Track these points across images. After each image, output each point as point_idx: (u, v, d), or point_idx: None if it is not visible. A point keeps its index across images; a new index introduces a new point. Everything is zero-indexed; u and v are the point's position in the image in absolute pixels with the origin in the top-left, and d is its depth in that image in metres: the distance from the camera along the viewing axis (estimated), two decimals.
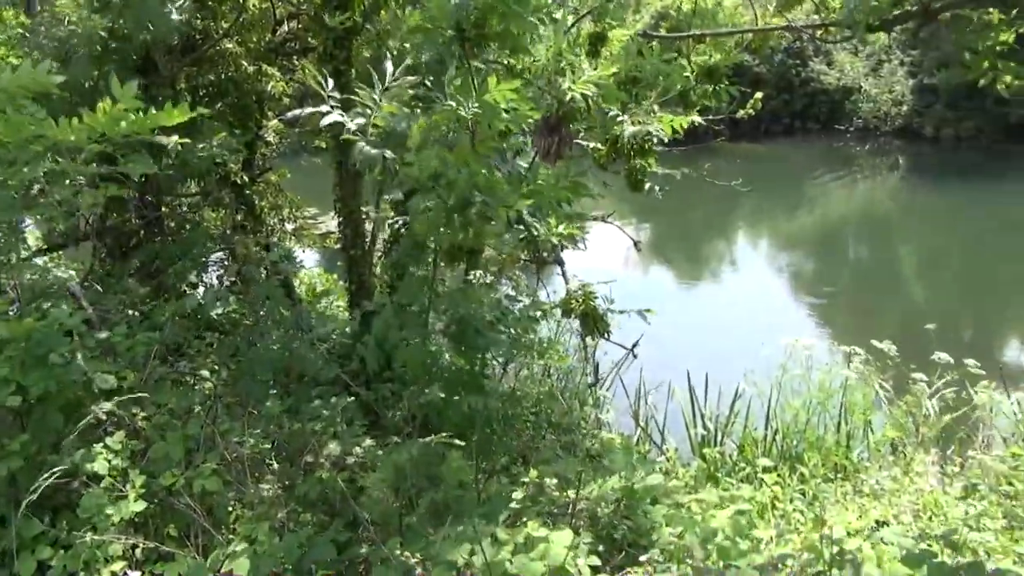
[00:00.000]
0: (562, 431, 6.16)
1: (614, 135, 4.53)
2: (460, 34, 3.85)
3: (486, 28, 3.86)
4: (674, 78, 5.26)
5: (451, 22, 3.80)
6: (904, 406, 8.14)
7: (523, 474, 3.92)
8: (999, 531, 5.71)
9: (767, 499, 6.01)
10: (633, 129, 4.36)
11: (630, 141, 4.39)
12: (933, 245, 21.98)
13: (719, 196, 13.73)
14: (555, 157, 4.21)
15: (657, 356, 10.52)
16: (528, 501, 3.46)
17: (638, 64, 5.24)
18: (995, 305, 16.59)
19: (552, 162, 4.25)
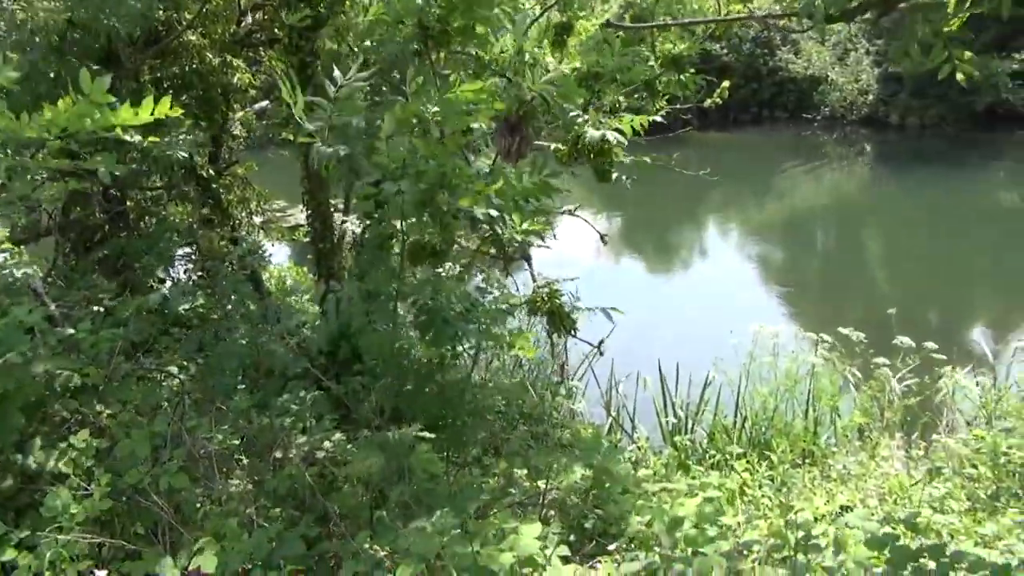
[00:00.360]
0: (534, 422, 6.18)
1: (575, 136, 4.53)
2: (423, 31, 3.83)
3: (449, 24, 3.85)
4: (635, 72, 5.27)
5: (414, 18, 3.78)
6: (870, 391, 8.26)
7: (494, 466, 3.93)
8: (962, 513, 5.83)
9: (737, 486, 6.08)
10: (594, 134, 4.36)
11: (591, 143, 4.39)
12: (899, 232, 22.28)
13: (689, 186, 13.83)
14: (516, 157, 4.19)
15: (629, 346, 10.57)
16: (498, 492, 3.48)
17: (599, 59, 5.25)
18: (959, 290, 16.88)
19: (513, 162, 4.24)
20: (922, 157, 30.53)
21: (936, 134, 32.17)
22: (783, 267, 19.88)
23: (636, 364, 9.35)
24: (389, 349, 4.15)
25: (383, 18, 3.94)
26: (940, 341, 9.17)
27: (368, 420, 4.64)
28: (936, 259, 18.96)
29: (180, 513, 3.67)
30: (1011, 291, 17.24)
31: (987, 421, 7.38)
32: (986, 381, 8.54)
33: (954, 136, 31.84)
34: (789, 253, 21.32)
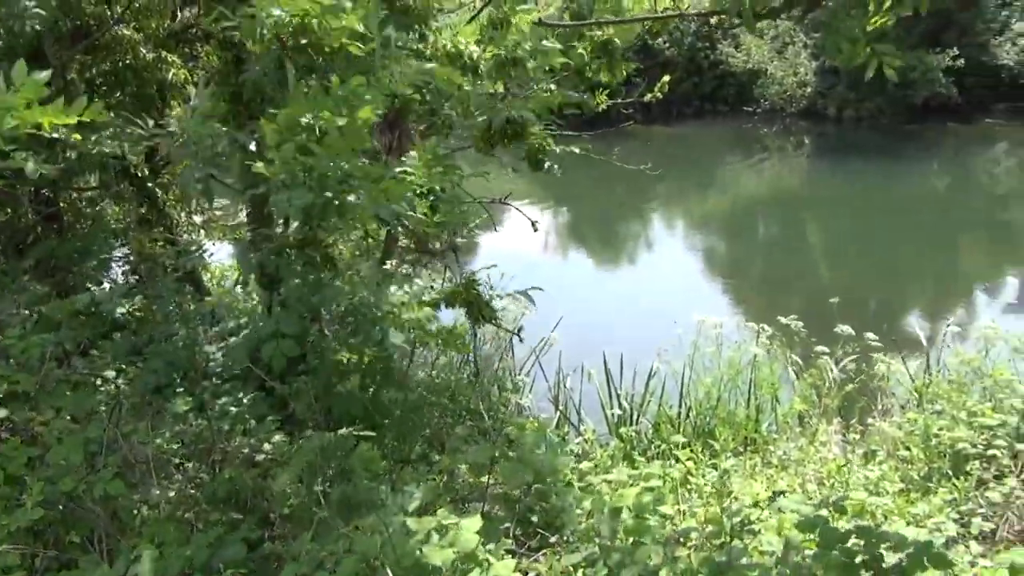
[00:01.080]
0: (479, 417, 6.20)
1: (487, 121, 4.54)
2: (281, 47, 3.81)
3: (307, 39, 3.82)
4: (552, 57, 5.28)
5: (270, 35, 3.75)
6: (809, 379, 8.47)
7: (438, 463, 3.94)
8: (896, 494, 6.01)
9: (681, 475, 6.19)
10: (502, 116, 4.38)
11: (503, 127, 4.40)
12: (838, 222, 22.79)
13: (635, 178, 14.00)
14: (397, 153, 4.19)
15: (576, 338, 10.66)
16: (441, 489, 3.49)
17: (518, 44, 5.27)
18: (896, 278, 17.34)
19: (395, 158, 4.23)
20: (859, 148, 31.27)
21: (873, 126, 32.98)
22: (727, 258, 20.21)
23: (583, 357, 9.43)
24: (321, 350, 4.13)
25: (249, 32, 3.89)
26: (878, 327, 9.43)
27: (312, 420, 4.61)
28: (874, 248, 19.44)
29: (117, 520, 3.60)
30: (944, 278, 17.80)
31: (919, 404, 7.60)
32: (920, 365, 8.81)
33: (890, 128, 32.67)
34: (732, 244, 21.67)
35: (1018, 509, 5.53)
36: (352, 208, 3.67)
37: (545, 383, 9.34)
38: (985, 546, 5.08)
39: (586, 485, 3.78)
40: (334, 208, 3.72)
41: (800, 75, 34.52)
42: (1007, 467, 6.05)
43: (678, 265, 19.28)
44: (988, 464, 6.14)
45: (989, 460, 6.18)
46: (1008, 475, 5.96)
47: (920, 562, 2.47)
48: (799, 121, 35.03)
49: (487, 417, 5.32)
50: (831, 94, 33.28)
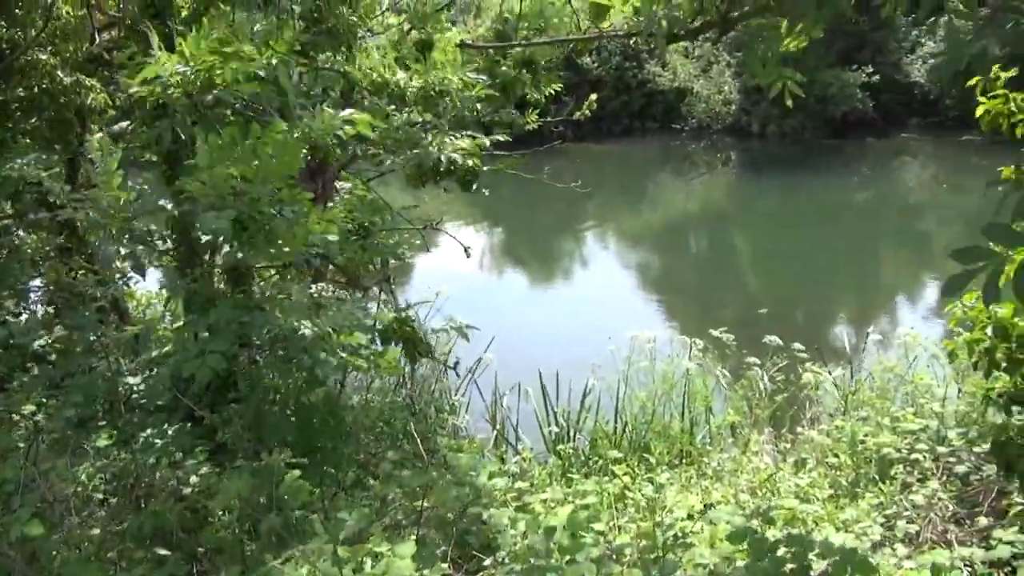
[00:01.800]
0: (414, 440, 6.14)
1: (418, 159, 4.56)
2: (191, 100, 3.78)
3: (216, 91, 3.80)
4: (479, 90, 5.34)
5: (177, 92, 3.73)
6: (740, 390, 8.63)
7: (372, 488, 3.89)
8: (825, 500, 6.16)
9: (618, 490, 6.23)
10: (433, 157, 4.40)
11: (435, 164, 4.43)
12: (765, 235, 23.36)
13: (568, 195, 14.14)
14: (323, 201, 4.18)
15: (512, 357, 10.68)
16: (375, 515, 3.44)
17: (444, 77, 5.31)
18: (822, 289, 17.83)
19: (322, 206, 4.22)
20: (783, 163, 32.18)
21: (795, 141, 33.97)
22: (659, 273, 20.52)
23: (520, 375, 9.43)
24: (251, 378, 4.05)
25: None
26: (806, 337, 9.67)
27: (242, 449, 4.51)
28: (800, 259, 19.97)
29: (36, 563, 3.46)
30: (867, 287, 18.37)
31: (845, 412, 7.81)
32: (846, 373, 9.06)
33: (812, 143, 33.71)
34: (664, 259, 22.02)
35: (940, 510, 5.71)
36: (283, 234, 3.63)
37: (482, 403, 9.32)
38: (910, 548, 5.23)
39: (521, 505, 3.78)
40: (264, 232, 3.67)
41: (725, 93, 35.40)
42: (929, 470, 6.25)
43: (612, 281, 19.49)
44: (912, 468, 6.33)
45: (913, 464, 6.38)
46: (930, 477, 6.16)
47: (845, 569, 2.53)
48: (725, 137, 35.89)
49: (420, 440, 5.27)
50: (755, 111, 34.19)
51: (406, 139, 4.79)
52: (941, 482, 6.05)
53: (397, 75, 6.16)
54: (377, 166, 6.93)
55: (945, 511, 5.80)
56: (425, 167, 4.80)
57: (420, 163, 4.78)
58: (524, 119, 8.37)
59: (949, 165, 29.85)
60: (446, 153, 4.65)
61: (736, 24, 3.70)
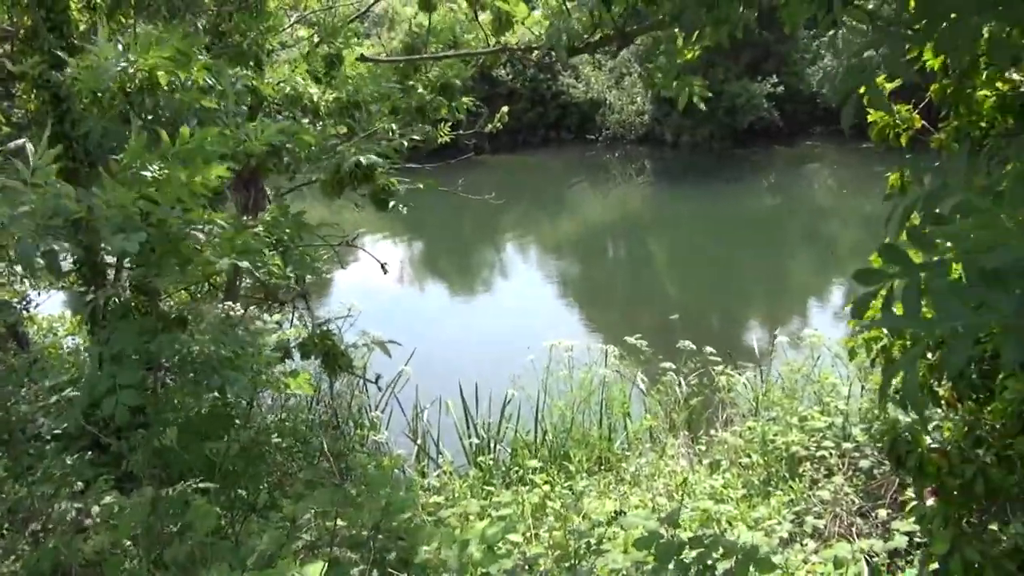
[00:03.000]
0: (331, 458, 6.05)
1: (335, 166, 4.50)
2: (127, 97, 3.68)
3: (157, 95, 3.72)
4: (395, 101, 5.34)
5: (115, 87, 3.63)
6: (657, 395, 8.79)
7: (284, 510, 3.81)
8: (739, 500, 6.32)
9: (539, 499, 6.26)
10: (351, 161, 4.35)
11: (352, 172, 4.38)
12: (678, 242, 23.88)
13: (487, 207, 14.17)
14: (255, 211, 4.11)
15: (433, 370, 10.64)
16: (286, 538, 3.37)
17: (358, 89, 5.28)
18: (735, 293, 18.28)
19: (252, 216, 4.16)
20: (695, 172, 33.00)
21: (706, 150, 34.88)
22: (578, 281, 20.72)
23: (440, 388, 9.39)
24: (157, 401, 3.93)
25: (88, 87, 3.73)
26: (722, 341, 9.89)
27: (148, 476, 4.36)
28: (714, 265, 20.45)
29: None
30: (779, 290, 18.94)
31: (756, 413, 8.03)
32: (758, 375, 9.32)
33: (722, 151, 34.67)
34: (583, 268, 22.26)
35: (846, 505, 5.92)
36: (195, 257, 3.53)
37: (404, 417, 9.24)
38: (818, 542, 5.42)
39: (437, 519, 3.76)
40: (174, 254, 3.56)
41: (638, 104, 36.10)
42: (835, 465, 6.49)
43: (532, 291, 19.59)
44: (819, 464, 6.56)
45: (820, 461, 6.61)
46: (836, 473, 6.39)
47: (747, 568, 2.60)
48: (639, 147, 36.59)
49: (335, 458, 5.20)
50: (667, 121, 34.97)
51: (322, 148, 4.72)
52: (846, 477, 6.28)
53: (311, 89, 6.11)
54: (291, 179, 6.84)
55: (851, 505, 6.03)
56: (343, 172, 4.73)
57: (337, 168, 4.71)
58: (437, 132, 8.38)
59: (851, 171, 31.06)
60: (365, 157, 4.60)
61: (634, 37, 3.78)
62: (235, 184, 5.33)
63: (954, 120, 3.90)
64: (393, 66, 7.34)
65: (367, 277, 15.45)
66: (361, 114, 5.53)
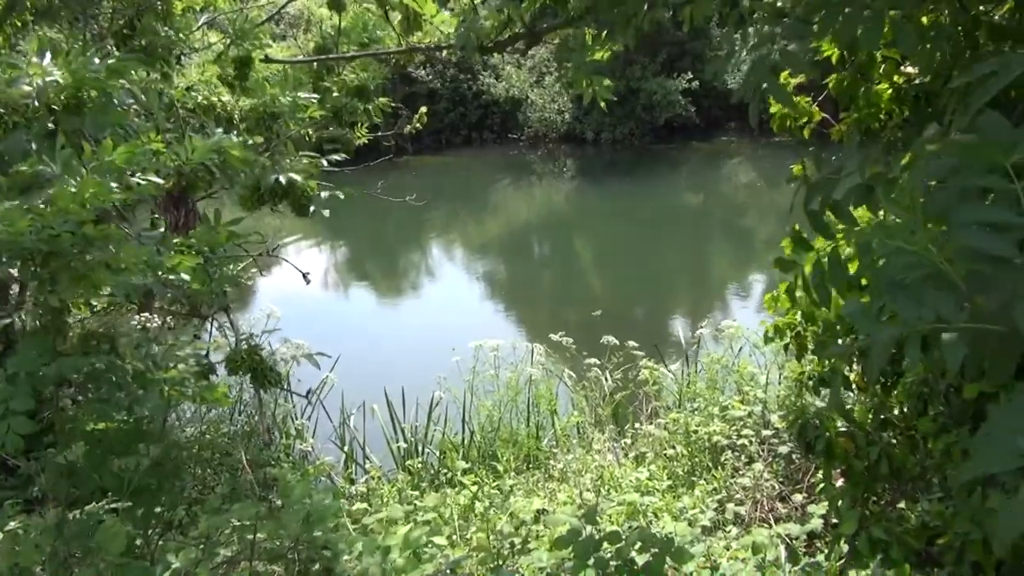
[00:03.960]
0: (250, 470, 5.93)
1: (254, 183, 4.39)
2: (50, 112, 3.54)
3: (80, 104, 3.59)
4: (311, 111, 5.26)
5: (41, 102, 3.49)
6: (583, 391, 8.87)
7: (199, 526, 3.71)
8: (664, 491, 6.43)
9: (468, 500, 6.26)
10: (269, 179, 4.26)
11: (274, 186, 4.29)
12: (603, 238, 24.13)
13: (411, 208, 14.07)
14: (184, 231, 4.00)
15: (360, 375, 10.51)
16: (202, 554, 3.29)
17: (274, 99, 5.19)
18: (659, 287, 18.59)
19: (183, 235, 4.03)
20: (617, 169, 33.42)
21: (626, 147, 35.35)
22: (505, 281, 20.76)
23: (367, 393, 9.29)
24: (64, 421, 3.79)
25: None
26: (648, 335, 10.04)
27: (56, 498, 4.19)
28: (637, 260, 20.74)
29: None
30: (700, 284, 19.34)
31: (679, 404, 8.18)
32: (682, 368, 9.49)
33: (642, 148, 35.19)
34: (509, 267, 22.31)
35: (767, 491, 6.09)
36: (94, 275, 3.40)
37: (331, 424, 9.11)
38: (740, 528, 5.55)
39: (361, 527, 3.71)
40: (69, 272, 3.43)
41: (559, 103, 36.34)
42: (756, 453, 6.66)
43: (459, 291, 19.56)
44: (740, 452, 6.73)
45: (741, 449, 6.78)
46: (757, 459, 6.56)
47: (663, 559, 2.65)
48: (561, 145, 36.84)
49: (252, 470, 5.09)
50: (587, 119, 35.30)
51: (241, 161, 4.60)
52: (766, 463, 6.45)
53: (223, 96, 5.95)
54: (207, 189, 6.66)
55: (771, 491, 6.20)
56: (264, 188, 4.62)
57: (257, 184, 4.59)
58: (356, 135, 8.27)
59: (766, 165, 31.89)
60: (285, 174, 4.49)
61: (544, 36, 3.81)
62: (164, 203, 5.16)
63: (853, 112, 4.04)
64: (307, 69, 7.22)
65: (291, 283, 15.16)
66: (278, 125, 5.42)
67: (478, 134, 37.44)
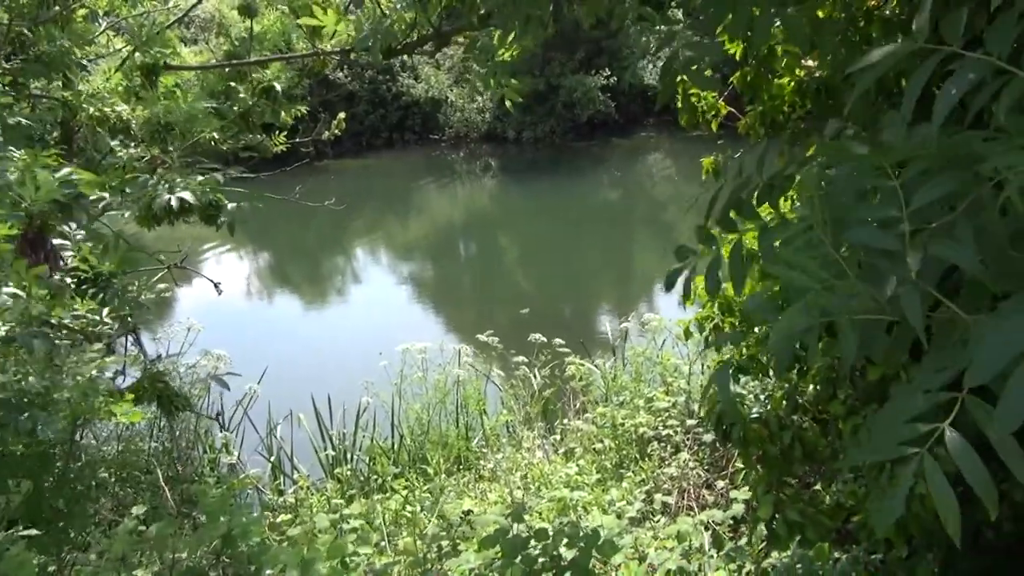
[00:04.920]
0: (171, 487, 5.77)
1: (147, 200, 4.25)
2: None
3: None
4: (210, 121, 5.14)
5: None
6: (511, 390, 8.90)
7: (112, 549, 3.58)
8: (594, 485, 6.49)
9: (399, 505, 6.21)
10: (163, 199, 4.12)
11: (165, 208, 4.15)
12: (528, 236, 24.24)
13: (336, 212, 13.83)
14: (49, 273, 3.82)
15: (286, 384, 10.32)
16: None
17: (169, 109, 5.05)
18: (586, 283, 18.77)
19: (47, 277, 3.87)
20: (539, 167, 33.61)
21: (548, 145, 35.58)
22: (432, 282, 20.66)
23: (293, 401, 9.14)
24: None
25: None
26: (574, 331, 10.10)
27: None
28: (564, 258, 20.88)
29: None
30: (624, 279, 19.61)
31: (606, 399, 8.28)
32: (609, 363, 9.60)
33: (563, 146, 35.46)
34: (435, 268, 22.22)
35: (692, 479, 6.21)
36: None
37: (257, 434, 8.93)
38: (668, 518, 5.65)
39: (285, 539, 3.64)
40: None
41: (479, 102, 36.35)
42: (681, 442, 6.78)
43: (383, 296, 19.39)
44: (666, 443, 6.84)
45: (667, 439, 6.90)
46: (682, 449, 6.68)
47: (590, 553, 2.68)
48: (483, 145, 36.85)
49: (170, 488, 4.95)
50: (508, 119, 35.37)
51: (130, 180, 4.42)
52: (691, 452, 6.58)
53: (119, 107, 5.75)
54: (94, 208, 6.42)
55: (697, 479, 6.32)
56: (157, 209, 4.46)
57: (149, 205, 4.42)
58: (272, 142, 8.11)
59: (684, 159, 32.46)
60: (176, 194, 4.33)
61: (451, 38, 3.80)
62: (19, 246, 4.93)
63: (758, 106, 4.15)
64: (220, 75, 7.04)
65: (214, 293, 14.82)
66: (173, 136, 5.25)
67: (399, 135, 37.14)
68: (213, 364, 8.09)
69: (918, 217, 1.46)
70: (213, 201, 4.77)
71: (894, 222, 1.44)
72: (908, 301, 1.36)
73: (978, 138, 1.50)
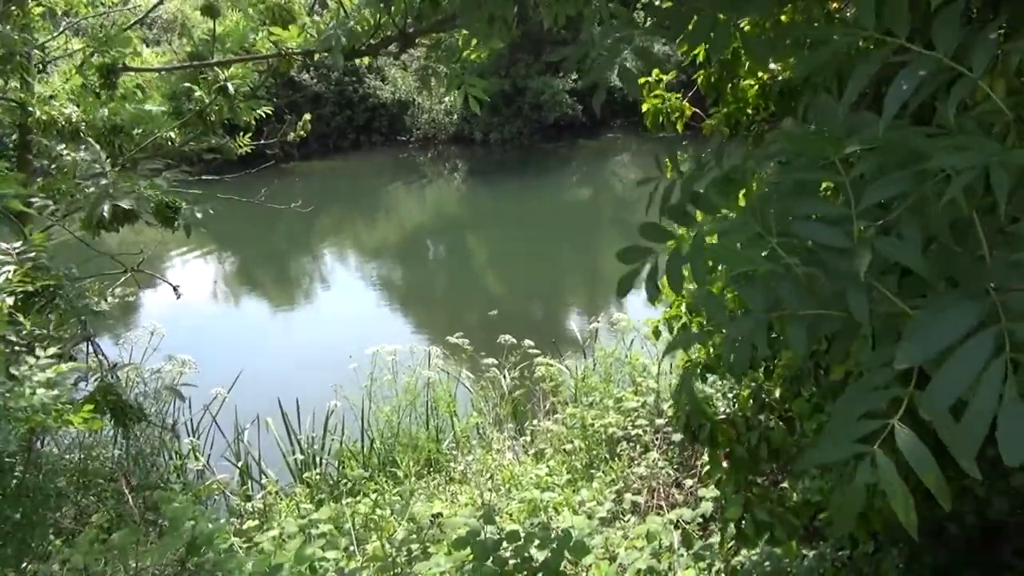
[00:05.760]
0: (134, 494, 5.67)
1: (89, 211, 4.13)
2: None
3: None
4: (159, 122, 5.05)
5: None
6: (481, 392, 8.89)
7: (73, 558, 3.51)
8: (564, 486, 6.51)
9: (368, 508, 6.16)
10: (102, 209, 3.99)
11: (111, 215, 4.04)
12: (496, 237, 24.24)
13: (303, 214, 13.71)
14: None
15: (254, 388, 10.20)
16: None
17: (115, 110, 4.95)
18: (555, 284, 18.80)
19: None
20: (507, 168, 33.63)
21: (516, 147, 35.62)
22: (401, 285, 20.57)
23: (261, 406, 9.03)
24: None
25: None
26: (543, 332, 10.10)
27: None
28: (534, 259, 20.89)
29: None
30: (595, 279, 19.66)
31: (576, 399, 8.29)
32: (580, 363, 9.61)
33: (531, 147, 35.52)
34: (404, 270, 22.12)
35: (661, 478, 6.24)
36: None
37: (225, 440, 8.81)
38: (637, 517, 5.67)
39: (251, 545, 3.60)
40: None
41: (446, 103, 36.28)
42: (650, 442, 6.82)
43: (352, 298, 19.26)
44: (635, 443, 6.87)
45: (636, 439, 6.93)
46: (651, 448, 6.72)
47: (562, 555, 2.68)
48: (451, 147, 36.81)
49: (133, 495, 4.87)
50: (476, 120, 35.35)
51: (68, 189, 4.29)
52: (661, 452, 6.61)
53: (67, 110, 5.62)
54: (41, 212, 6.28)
55: (667, 478, 6.36)
56: (96, 217, 4.34)
57: (88, 214, 4.29)
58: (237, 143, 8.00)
59: (650, 160, 32.54)
60: (114, 202, 4.19)
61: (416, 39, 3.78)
62: None
63: (722, 107, 4.19)
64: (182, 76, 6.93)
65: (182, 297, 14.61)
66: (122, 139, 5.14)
67: (366, 137, 36.96)
68: (178, 369, 7.99)
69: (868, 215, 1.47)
70: (169, 203, 4.68)
71: (844, 219, 1.46)
72: (854, 297, 1.38)
73: (922, 134, 1.51)
